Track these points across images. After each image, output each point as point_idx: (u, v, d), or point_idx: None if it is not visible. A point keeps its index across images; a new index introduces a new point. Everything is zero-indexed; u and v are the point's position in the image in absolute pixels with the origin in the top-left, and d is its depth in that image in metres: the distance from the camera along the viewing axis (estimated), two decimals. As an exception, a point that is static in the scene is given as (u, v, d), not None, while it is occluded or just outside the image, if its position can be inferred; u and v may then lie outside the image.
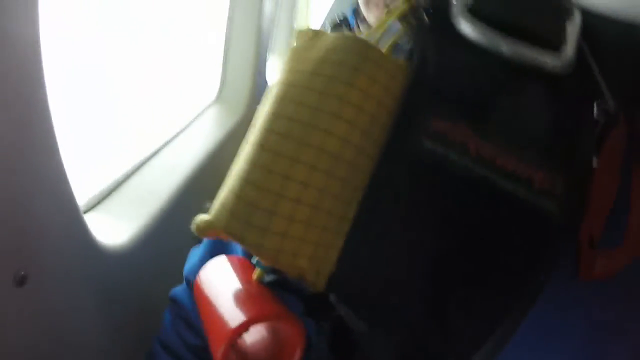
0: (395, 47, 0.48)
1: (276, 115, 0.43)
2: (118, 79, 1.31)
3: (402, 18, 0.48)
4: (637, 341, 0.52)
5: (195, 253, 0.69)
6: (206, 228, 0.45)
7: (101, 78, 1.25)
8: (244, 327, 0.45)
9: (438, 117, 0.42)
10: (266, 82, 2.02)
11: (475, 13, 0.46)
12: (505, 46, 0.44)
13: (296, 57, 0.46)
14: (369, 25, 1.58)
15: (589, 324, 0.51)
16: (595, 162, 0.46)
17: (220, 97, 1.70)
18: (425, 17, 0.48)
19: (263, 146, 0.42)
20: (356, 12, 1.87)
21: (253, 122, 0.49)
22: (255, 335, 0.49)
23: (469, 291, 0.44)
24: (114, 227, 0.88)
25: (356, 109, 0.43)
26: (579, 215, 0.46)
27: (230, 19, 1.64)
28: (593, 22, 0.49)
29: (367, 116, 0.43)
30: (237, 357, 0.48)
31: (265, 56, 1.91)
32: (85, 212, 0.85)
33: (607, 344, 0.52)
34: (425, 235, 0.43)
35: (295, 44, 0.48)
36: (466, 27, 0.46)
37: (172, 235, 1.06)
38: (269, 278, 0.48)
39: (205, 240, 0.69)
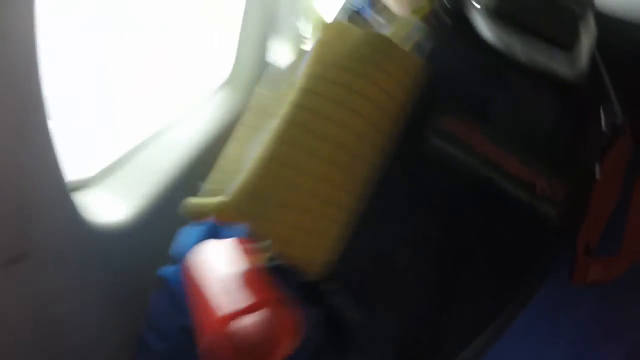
0: (417, 46, 0.48)
1: (299, 107, 0.43)
2: (125, 57, 1.31)
3: (425, 18, 0.49)
4: (633, 343, 0.53)
5: (186, 234, 0.70)
6: (216, 211, 0.45)
7: (107, 54, 1.24)
8: (237, 315, 0.45)
9: (448, 116, 0.43)
10: (272, 66, 2.02)
11: (495, 17, 0.46)
12: (521, 49, 0.45)
13: (323, 49, 0.46)
14: (387, 16, 1.58)
15: (584, 325, 0.52)
16: (598, 171, 0.46)
17: (229, 80, 1.70)
18: (447, 18, 0.48)
19: (281, 138, 0.42)
20: (372, 1, 1.87)
21: (252, 101, 0.48)
22: (247, 320, 0.48)
23: (465, 287, 0.46)
24: (114, 205, 0.88)
25: (374, 105, 0.44)
26: (577, 223, 0.46)
27: (247, 4, 1.64)
28: (608, 25, 0.49)
29: (384, 113, 0.44)
30: (227, 341, 0.47)
31: (272, 40, 1.91)
32: (84, 188, 0.86)
33: (603, 344, 0.53)
34: (426, 230, 0.45)
35: (322, 36, 0.47)
36: (484, 30, 0.46)
37: (172, 216, 1.07)
38: (270, 263, 0.48)
39: (198, 223, 0.70)
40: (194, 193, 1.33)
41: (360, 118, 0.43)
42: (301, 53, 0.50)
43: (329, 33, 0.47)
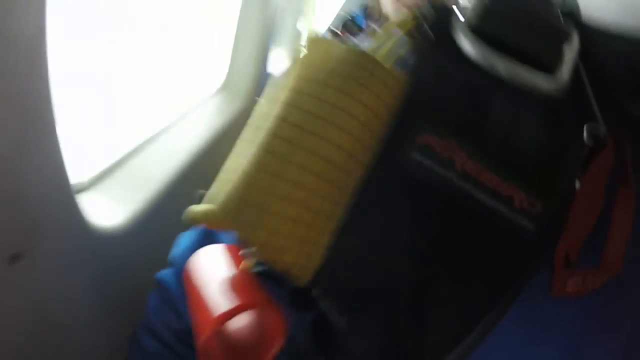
0: (400, 60, 0.50)
1: (282, 120, 0.45)
2: (123, 62, 1.32)
3: (409, 33, 0.50)
4: (631, 335, 0.54)
5: (184, 239, 0.71)
6: (204, 218, 0.47)
7: (106, 58, 1.25)
8: (228, 315, 0.47)
9: (428, 132, 0.44)
10: (269, 74, 2.03)
11: (477, 32, 0.48)
12: (503, 67, 0.46)
13: (308, 65, 0.47)
14: (382, 24, 1.60)
15: (580, 317, 0.53)
16: (578, 184, 0.47)
17: (226, 86, 1.71)
18: (431, 33, 0.49)
19: (266, 149, 0.44)
20: (367, 11, 1.88)
21: (252, 117, 0.50)
22: (238, 322, 0.50)
23: (446, 295, 0.47)
24: (109, 209, 0.89)
25: (357, 121, 0.45)
26: (555, 235, 0.47)
27: (242, 11, 1.66)
28: (594, 37, 0.50)
29: (367, 129, 0.45)
30: (220, 343, 0.49)
31: (270, 48, 1.92)
32: (81, 191, 0.87)
33: (600, 336, 0.54)
34: (406, 240, 0.46)
35: (307, 52, 0.49)
36: (467, 45, 0.47)
37: (166, 221, 1.07)
38: (257, 268, 0.50)
39: (195, 228, 0.71)
40: (189, 197, 1.34)
41: (344, 133, 0.44)
42: (295, 62, 0.51)
43: (314, 48, 0.48)
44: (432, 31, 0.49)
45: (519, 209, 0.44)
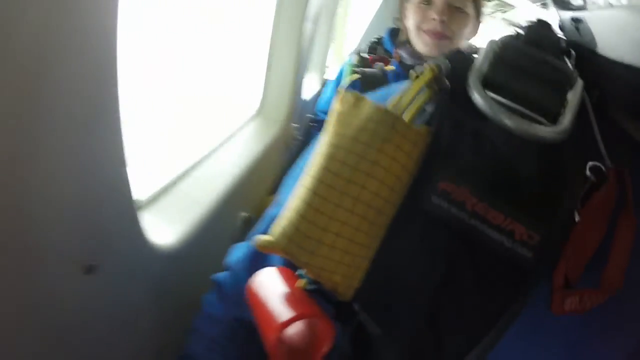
0: (420, 110, 0.56)
1: (325, 169, 0.52)
2: (174, 93, 1.39)
3: (428, 83, 0.56)
4: (633, 341, 0.56)
5: (239, 249, 0.77)
6: (268, 247, 0.54)
7: (160, 89, 1.32)
8: (289, 322, 0.54)
9: (446, 180, 0.51)
10: (303, 99, 2.10)
11: (487, 84, 0.54)
12: (508, 121, 0.51)
13: (340, 121, 0.54)
14: (407, 50, 1.65)
15: (586, 321, 0.56)
16: (577, 216, 0.52)
17: (260, 112, 1.78)
18: (447, 83, 0.55)
19: (315, 192, 0.51)
20: (392, 34, 1.94)
21: (306, 165, 0.56)
22: (296, 329, 0.57)
23: (456, 312, 0.53)
24: (162, 229, 0.95)
25: (385, 170, 0.51)
26: (553, 262, 0.52)
27: (273, 39, 1.73)
28: (606, 66, 0.54)
29: (394, 176, 0.52)
30: (280, 346, 0.56)
31: (303, 74, 1.99)
32: (139, 210, 0.92)
33: (606, 340, 0.57)
34: (425, 266, 0.52)
35: (339, 108, 0.55)
36: (477, 99, 0.53)
37: (212, 239, 1.14)
38: (310, 287, 0.56)
39: (247, 244, 0.76)
40: (232, 219, 1.40)
41: (375, 180, 0.51)
42: (331, 118, 0.57)
43: (344, 105, 0.56)
44: (449, 81, 0.55)
45: (520, 241, 0.50)
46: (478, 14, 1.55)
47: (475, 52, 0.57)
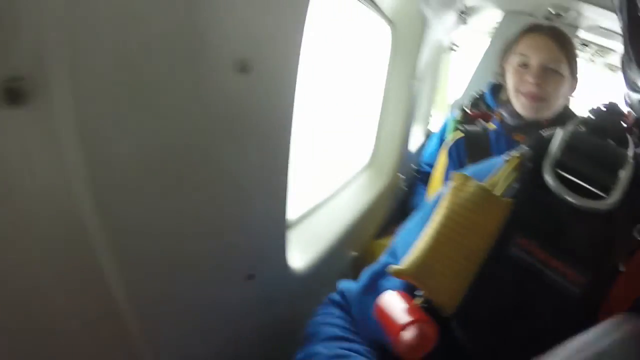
0: (509, 187, 0.73)
1: (443, 225, 0.70)
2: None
3: (517, 165, 0.74)
4: None
5: (351, 283, 0.91)
6: (401, 272, 0.71)
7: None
8: (410, 324, 0.68)
9: (522, 237, 0.67)
10: (409, 152, 2.24)
11: (558, 165, 0.70)
12: (570, 197, 0.67)
13: (454, 193, 0.72)
14: (509, 110, 1.66)
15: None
16: (622, 267, 0.65)
17: (372, 163, 1.95)
18: (529, 166, 0.72)
19: (435, 239, 0.69)
20: (494, 90, 1.98)
21: (430, 219, 0.73)
22: (412, 330, 0.72)
23: (527, 331, 0.66)
24: (294, 254, 1.13)
25: (482, 227, 0.69)
26: (599, 301, 0.65)
27: (385, 97, 1.90)
28: None
29: (487, 232, 0.69)
30: (400, 343, 0.71)
31: (410, 128, 2.14)
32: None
33: None
34: (505, 294, 0.67)
35: (453, 184, 0.73)
36: (548, 180, 0.69)
37: (328, 271, 1.30)
38: (423, 304, 0.70)
39: (363, 275, 0.91)
40: (345, 256, 1.56)
41: (475, 234, 0.67)
42: (448, 190, 0.77)
43: (457, 182, 0.75)
44: (530, 164, 0.72)
45: (570, 281, 0.65)
46: (573, 74, 1.61)
47: (570, 117, 0.74)
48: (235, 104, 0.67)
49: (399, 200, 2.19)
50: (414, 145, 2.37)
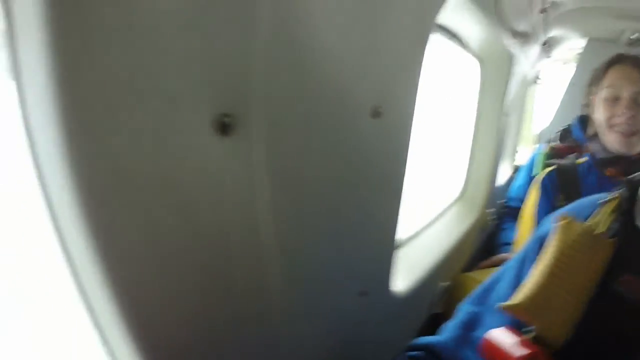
0: (609, 226, 0.79)
1: (553, 265, 0.76)
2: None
3: (615, 207, 0.80)
4: None
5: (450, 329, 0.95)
6: (514, 308, 0.77)
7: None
8: (526, 357, 0.72)
9: (626, 273, 0.73)
10: (498, 186, 2.27)
11: None
12: None
13: (561, 233, 0.79)
14: (599, 145, 1.63)
15: None
16: None
17: (462, 196, 2.00)
18: (626, 205, 0.78)
19: (546, 277, 0.75)
20: (581, 122, 1.90)
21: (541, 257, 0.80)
22: None
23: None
24: (397, 278, 1.21)
25: (586, 266, 0.75)
26: None
27: (475, 133, 1.97)
28: None
29: (592, 269, 0.75)
30: None
31: (499, 163, 2.18)
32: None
33: None
34: (609, 332, 0.73)
35: (560, 225, 0.80)
36: (638, 221, 0.76)
37: (420, 299, 1.39)
38: (534, 339, 0.74)
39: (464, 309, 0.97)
40: (435, 287, 1.61)
41: (581, 272, 0.73)
42: (555, 234, 0.83)
43: (563, 225, 0.79)
44: (626, 204, 0.79)
45: None
46: None
47: None
48: (368, 144, 0.77)
49: (487, 234, 2.21)
50: (502, 179, 2.39)
